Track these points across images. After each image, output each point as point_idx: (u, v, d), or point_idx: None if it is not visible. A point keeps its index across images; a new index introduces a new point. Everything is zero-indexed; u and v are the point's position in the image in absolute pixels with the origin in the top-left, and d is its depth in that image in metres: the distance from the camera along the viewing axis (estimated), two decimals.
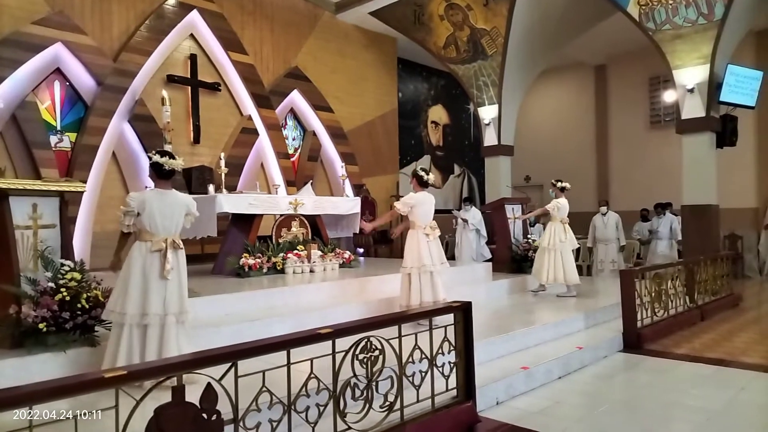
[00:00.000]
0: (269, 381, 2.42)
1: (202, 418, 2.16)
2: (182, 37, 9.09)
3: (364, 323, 3.01)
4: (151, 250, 3.40)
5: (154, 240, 3.42)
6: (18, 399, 1.80)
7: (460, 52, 11.24)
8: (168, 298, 3.40)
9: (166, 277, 3.39)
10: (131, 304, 3.32)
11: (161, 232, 3.45)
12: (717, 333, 6.20)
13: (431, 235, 5.07)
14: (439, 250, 5.16)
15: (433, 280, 5.04)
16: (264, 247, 6.59)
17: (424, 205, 5.15)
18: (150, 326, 3.33)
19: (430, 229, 5.08)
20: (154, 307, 3.34)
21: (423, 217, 5.12)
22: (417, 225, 5.12)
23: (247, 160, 9.80)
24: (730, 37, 8.61)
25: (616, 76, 14.21)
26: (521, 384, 4.16)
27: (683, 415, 3.69)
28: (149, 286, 3.36)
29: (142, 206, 3.43)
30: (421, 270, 4.99)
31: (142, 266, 3.38)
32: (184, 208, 3.62)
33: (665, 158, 12.42)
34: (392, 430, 2.99)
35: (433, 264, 5.02)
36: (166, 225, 3.48)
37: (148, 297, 3.35)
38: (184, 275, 3.56)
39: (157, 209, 3.45)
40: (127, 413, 1.96)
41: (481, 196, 12.83)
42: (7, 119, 7.21)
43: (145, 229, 3.45)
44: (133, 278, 3.35)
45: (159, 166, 3.54)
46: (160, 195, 3.53)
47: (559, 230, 6.83)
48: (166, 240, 3.44)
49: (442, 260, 5.16)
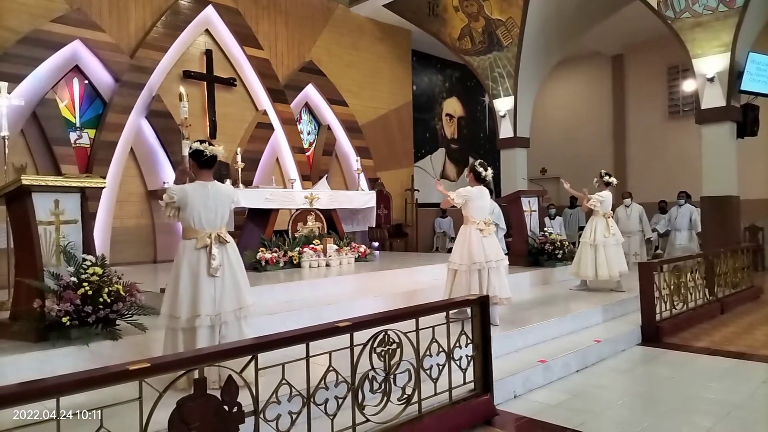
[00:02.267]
0: (288, 374, 2.44)
1: (223, 410, 2.20)
2: (198, 32, 9.15)
3: (381, 317, 3.02)
4: (197, 248, 3.24)
5: (198, 237, 3.25)
6: (45, 391, 1.84)
7: (475, 44, 11.15)
8: (219, 297, 3.24)
9: (213, 274, 3.22)
10: (183, 307, 3.17)
11: (206, 227, 3.29)
12: (737, 326, 6.12)
13: (485, 230, 4.82)
14: (495, 245, 4.88)
15: (489, 277, 4.75)
16: (280, 242, 6.64)
17: (479, 200, 4.91)
18: (199, 328, 3.16)
19: (484, 225, 4.83)
20: (205, 308, 3.17)
21: (478, 212, 4.89)
22: (470, 220, 4.88)
23: (262, 154, 9.84)
24: (751, 25, 8.43)
25: (634, 65, 13.99)
26: (539, 377, 4.15)
27: (704, 408, 3.65)
28: (199, 286, 3.19)
29: (184, 200, 3.26)
30: (471, 268, 4.73)
31: (189, 265, 3.22)
32: (228, 199, 3.44)
33: (684, 149, 12.23)
34: (410, 422, 3.00)
35: (487, 261, 4.74)
36: (210, 219, 3.31)
37: (199, 298, 3.18)
38: (238, 269, 3.38)
39: (201, 203, 3.28)
40: (150, 405, 2.00)
41: (496, 189, 12.75)
42: (28, 117, 7.33)
43: (189, 225, 3.29)
44: (183, 280, 3.20)
45: (199, 153, 3.33)
46: (201, 187, 3.33)
47: (601, 225, 6.56)
48: (210, 235, 3.27)
49: (499, 257, 4.86)
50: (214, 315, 3.21)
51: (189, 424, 2.08)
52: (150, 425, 2.01)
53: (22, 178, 3.62)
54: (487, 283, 4.72)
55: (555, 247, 7.60)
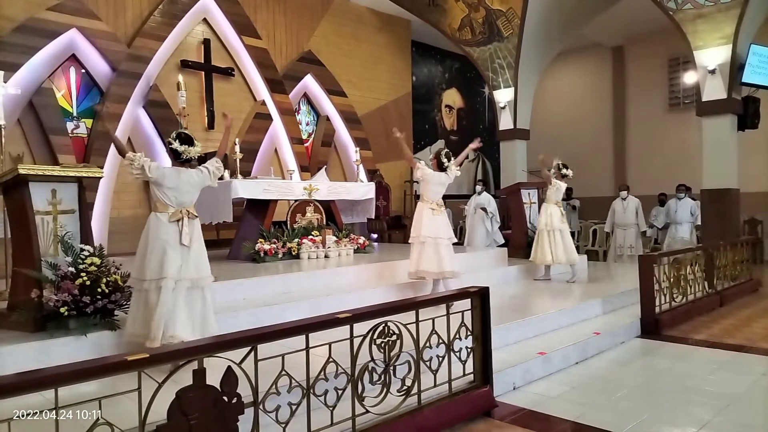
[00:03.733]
0: (288, 365, 2.44)
1: (222, 401, 2.19)
2: (195, 21, 9.06)
3: (381, 308, 3.01)
4: (170, 221, 3.52)
5: (170, 212, 3.54)
6: (43, 381, 1.83)
7: (475, 34, 11.08)
8: (185, 265, 3.48)
9: (185, 244, 3.50)
10: (151, 271, 3.41)
11: (176, 205, 3.58)
12: (736, 319, 6.13)
13: (436, 210, 5.29)
14: (446, 225, 5.36)
15: (439, 251, 5.20)
16: (279, 233, 6.62)
17: (433, 185, 5.38)
18: (164, 289, 3.39)
19: (436, 206, 5.31)
20: (171, 272, 3.42)
21: (431, 194, 5.38)
22: (425, 199, 5.39)
23: (261, 145, 9.79)
24: (753, 17, 8.38)
25: (634, 57, 13.92)
26: (538, 369, 4.15)
27: (702, 401, 3.65)
28: (168, 253, 3.44)
29: (161, 180, 3.55)
30: (426, 241, 5.18)
31: (160, 235, 3.48)
32: (200, 186, 3.75)
33: (684, 141, 12.21)
34: (410, 414, 3.00)
35: (438, 236, 5.21)
36: (181, 199, 3.61)
37: (166, 263, 3.42)
38: (202, 243, 3.67)
39: (175, 185, 3.58)
40: (149, 395, 1.99)
41: (495, 180, 12.73)
42: (25, 106, 7.27)
43: (162, 201, 3.56)
44: (152, 247, 3.45)
45: (177, 154, 3.68)
46: (177, 173, 3.64)
47: (556, 212, 6.75)
48: (182, 211, 3.57)
49: (449, 235, 5.33)
50: (178, 280, 3.44)
51: (188, 414, 2.07)
52: (149, 415, 2.00)
53: (19, 168, 3.60)
54: (440, 258, 5.18)
55: None
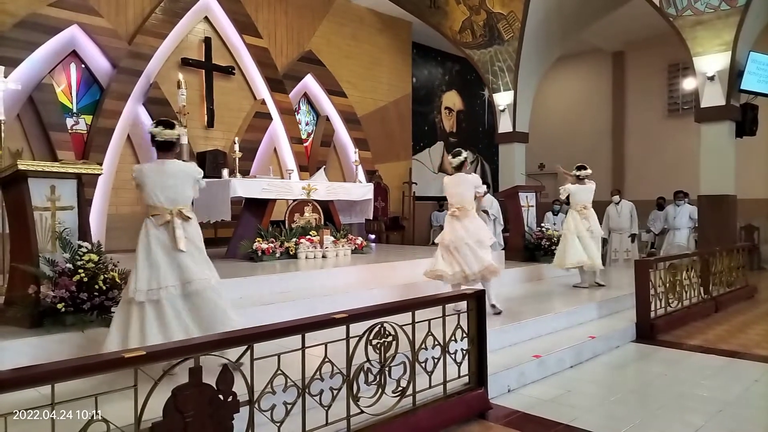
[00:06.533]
0: (284, 364, 2.44)
1: (218, 399, 2.19)
2: (197, 19, 9.08)
3: (378, 309, 3.02)
4: (158, 225, 3.24)
5: (159, 214, 3.26)
6: (40, 377, 1.84)
7: (476, 37, 11.11)
8: (185, 270, 3.22)
9: (179, 248, 3.22)
10: (141, 280, 3.14)
11: (165, 204, 3.28)
12: (731, 325, 6.15)
13: (459, 214, 5.17)
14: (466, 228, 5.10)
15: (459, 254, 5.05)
16: (277, 232, 6.62)
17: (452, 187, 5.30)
18: (163, 300, 3.14)
19: (458, 210, 5.19)
20: (168, 280, 3.17)
21: (449, 198, 5.33)
22: (448, 204, 5.36)
23: (260, 144, 9.81)
24: (752, 24, 8.43)
25: (634, 62, 13.98)
26: (533, 372, 4.16)
27: (696, 406, 3.67)
28: (159, 260, 3.18)
29: (141, 179, 3.30)
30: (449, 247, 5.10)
31: (150, 242, 3.22)
32: (188, 177, 3.43)
33: (682, 147, 12.25)
34: (404, 415, 3.01)
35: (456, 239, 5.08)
36: (168, 196, 3.30)
37: (159, 271, 3.17)
38: (200, 244, 3.38)
39: (157, 181, 3.29)
40: (145, 393, 2.00)
41: (494, 183, 12.75)
42: (24, 101, 7.27)
43: (149, 203, 3.30)
44: (140, 254, 3.20)
45: (151, 137, 3.40)
46: (158, 166, 3.36)
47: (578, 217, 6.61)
48: (171, 212, 3.28)
49: (477, 238, 5.07)
50: (181, 285, 3.20)
51: (184, 412, 2.08)
52: (145, 413, 2.01)
53: (19, 163, 3.60)
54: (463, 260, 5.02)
55: (551, 243, 7.60)
